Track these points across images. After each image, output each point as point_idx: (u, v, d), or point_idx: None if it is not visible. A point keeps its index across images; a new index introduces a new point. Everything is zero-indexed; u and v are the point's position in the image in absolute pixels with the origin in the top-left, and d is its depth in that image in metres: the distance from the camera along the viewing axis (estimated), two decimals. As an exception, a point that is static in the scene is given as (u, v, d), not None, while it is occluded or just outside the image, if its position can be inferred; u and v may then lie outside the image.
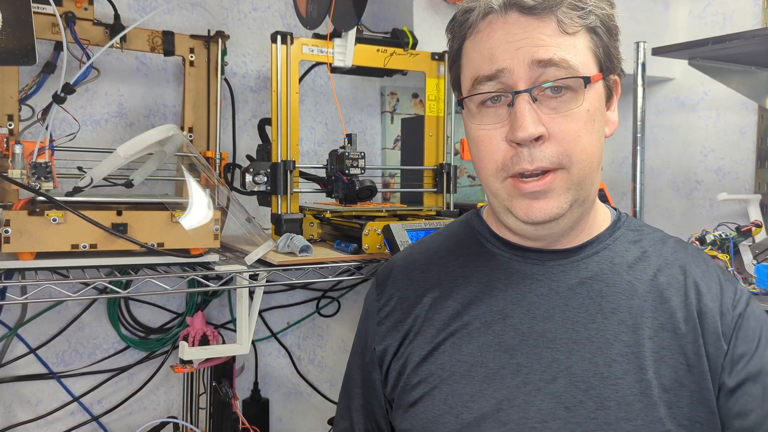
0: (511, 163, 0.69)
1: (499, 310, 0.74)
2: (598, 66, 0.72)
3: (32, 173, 1.04)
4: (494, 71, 0.69)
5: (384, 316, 0.82)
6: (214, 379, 1.40)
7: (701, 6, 1.82)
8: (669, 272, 0.75)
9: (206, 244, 1.13)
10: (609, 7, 0.72)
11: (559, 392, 0.68)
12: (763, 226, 1.33)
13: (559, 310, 0.73)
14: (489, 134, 0.71)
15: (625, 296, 0.72)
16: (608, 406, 0.67)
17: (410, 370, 0.76)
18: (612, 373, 0.68)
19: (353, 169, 1.28)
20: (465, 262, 0.81)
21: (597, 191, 0.77)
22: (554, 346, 0.71)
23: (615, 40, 0.74)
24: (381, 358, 0.81)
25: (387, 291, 0.84)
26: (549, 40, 0.68)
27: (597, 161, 0.73)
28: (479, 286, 0.77)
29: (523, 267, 0.76)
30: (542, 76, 0.68)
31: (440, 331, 0.76)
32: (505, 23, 0.69)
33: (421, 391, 0.74)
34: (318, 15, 1.31)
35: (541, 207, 0.70)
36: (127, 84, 1.54)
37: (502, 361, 0.71)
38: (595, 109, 0.71)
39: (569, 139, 0.69)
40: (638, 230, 0.81)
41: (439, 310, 0.77)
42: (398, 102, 1.88)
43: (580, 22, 0.69)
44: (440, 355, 0.75)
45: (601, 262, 0.75)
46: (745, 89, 1.50)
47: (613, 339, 0.70)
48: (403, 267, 0.86)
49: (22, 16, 1.01)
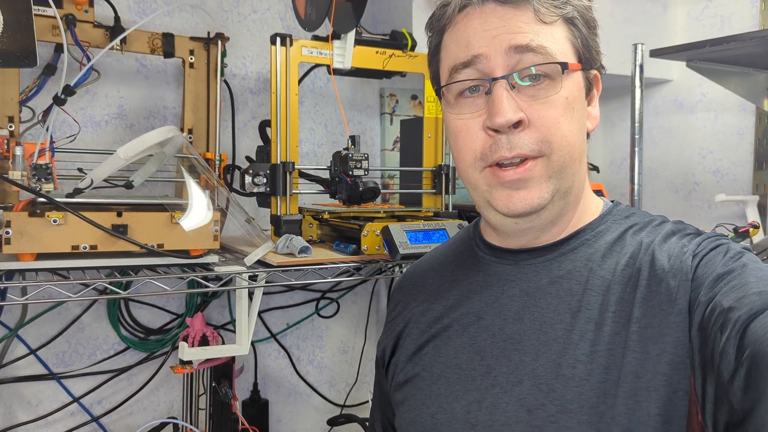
0: (489, 152, 0.68)
1: (474, 312, 0.74)
2: (577, 56, 0.70)
3: (33, 175, 1.04)
4: (470, 57, 0.68)
5: (389, 320, 0.87)
6: (214, 379, 1.40)
7: (699, 8, 1.83)
8: (642, 256, 0.68)
9: (206, 245, 1.13)
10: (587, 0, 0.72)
11: (524, 395, 0.66)
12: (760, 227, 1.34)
13: (528, 311, 0.70)
14: (467, 123, 0.70)
15: (595, 292, 0.68)
16: (570, 410, 0.63)
17: (399, 370, 0.79)
18: (575, 375, 0.64)
19: (357, 170, 1.29)
20: (455, 267, 0.82)
21: (581, 188, 0.74)
22: (521, 348, 0.69)
23: (593, 34, 0.72)
24: (382, 357, 0.85)
25: (397, 296, 0.89)
26: (526, 27, 0.67)
27: (578, 151, 0.70)
28: (461, 289, 0.78)
29: (499, 268, 0.75)
30: (520, 62, 0.67)
31: (423, 333, 0.78)
32: (482, 13, 0.69)
33: (405, 392, 0.77)
34: (317, 17, 1.32)
35: (521, 197, 0.68)
36: (128, 86, 1.54)
37: (474, 363, 0.71)
38: (575, 98, 0.69)
39: (548, 125, 0.67)
40: (627, 218, 0.75)
41: (426, 313, 0.79)
42: (397, 103, 1.89)
43: (557, 12, 0.68)
44: (423, 356, 0.76)
45: (576, 259, 0.71)
46: (743, 91, 1.51)
47: (578, 339, 0.66)
48: (411, 275, 0.89)
49: (22, 18, 1.01)
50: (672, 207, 1.89)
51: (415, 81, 1.74)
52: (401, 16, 1.59)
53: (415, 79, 1.53)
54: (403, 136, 1.71)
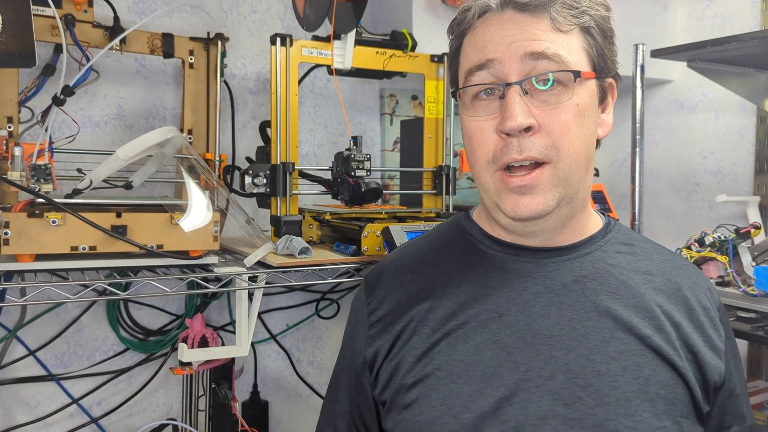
0: (500, 154, 0.71)
1: (494, 309, 0.75)
2: (591, 65, 0.73)
3: (32, 175, 1.04)
4: (484, 60, 0.71)
5: (375, 320, 0.81)
6: (214, 381, 1.40)
7: (700, 8, 1.82)
8: (662, 279, 0.78)
9: (205, 246, 1.13)
10: (604, 10, 0.74)
11: (558, 389, 0.69)
12: (762, 228, 1.33)
13: (555, 308, 0.74)
14: (480, 126, 0.73)
15: (619, 296, 0.74)
16: (607, 402, 0.68)
17: (405, 371, 0.76)
18: (610, 370, 0.70)
19: (359, 171, 1.29)
20: (457, 262, 0.81)
21: (588, 192, 0.78)
22: (551, 343, 0.71)
23: (610, 43, 0.75)
24: (372, 360, 0.80)
25: (377, 293, 0.83)
26: (542, 35, 0.70)
27: (585, 158, 0.73)
28: (474, 286, 0.77)
29: (517, 265, 0.77)
30: (534, 69, 0.70)
31: (435, 331, 0.76)
32: (500, 19, 0.72)
33: (417, 393, 0.74)
34: (315, 18, 1.32)
35: (527, 203, 0.71)
36: (127, 86, 1.54)
37: (500, 359, 0.72)
38: (586, 105, 0.72)
39: (558, 131, 0.70)
40: (628, 235, 0.84)
41: (434, 311, 0.77)
42: (397, 104, 1.89)
43: (573, 21, 0.71)
44: (436, 356, 0.74)
45: (595, 262, 0.77)
46: (744, 91, 1.51)
47: (609, 337, 0.72)
48: (393, 269, 0.85)
49: (21, 18, 1.01)
50: (673, 208, 1.89)
51: (415, 81, 1.73)
52: (401, 17, 1.59)
53: (416, 79, 1.53)
54: (403, 136, 1.71)
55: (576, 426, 0.68)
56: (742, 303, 1.20)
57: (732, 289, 1.23)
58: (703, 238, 1.29)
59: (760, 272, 1.17)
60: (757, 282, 1.17)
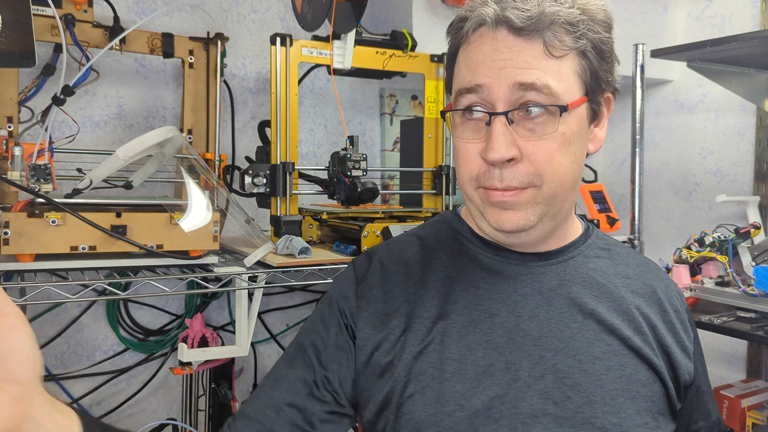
0: (483, 178, 0.72)
1: (485, 309, 0.76)
2: (584, 89, 0.72)
3: (31, 175, 1.04)
4: (473, 85, 0.71)
5: (366, 301, 0.79)
6: (214, 381, 1.40)
7: (700, 8, 1.82)
8: (638, 282, 0.82)
9: (205, 245, 1.13)
10: (604, 31, 0.72)
11: (548, 388, 0.71)
12: (761, 228, 1.33)
13: (543, 310, 0.76)
14: (467, 146, 0.73)
15: (602, 299, 0.77)
16: (594, 401, 0.71)
17: (400, 369, 0.74)
18: (595, 370, 0.73)
19: (355, 171, 1.28)
20: (447, 261, 0.81)
21: (572, 206, 0.80)
22: (540, 344, 0.73)
23: (607, 63, 0.74)
24: (363, 345, 0.77)
25: (368, 277, 0.81)
26: (534, 62, 0.69)
27: (570, 181, 0.73)
28: (463, 285, 0.78)
29: (506, 268, 0.78)
30: (522, 98, 0.69)
31: (428, 330, 0.76)
32: (494, 39, 0.70)
33: (411, 390, 0.74)
34: (313, 18, 1.32)
35: (509, 218, 0.72)
36: (127, 86, 1.54)
37: (492, 359, 0.73)
38: (572, 132, 0.71)
39: (541, 160, 0.70)
40: (605, 240, 0.86)
41: (427, 309, 0.77)
42: (397, 104, 1.89)
43: (570, 45, 0.69)
44: (430, 354, 0.75)
45: (578, 267, 0.80)
46: (744, 91, 1.51)
47: (594, 338, 0.75)
48: (384, 258, 0.83)
49: (21, 18, 1.01)
50: (672, 207, 1.89)
51: (415, 81, 1.73)
52: (401, 16, 1.59)
53: (416, 79, 1.53)
54: (403, 136, 1.71)
55: (565, 424, 0.70)
56: (742, 303, 1.21)
57: (732, 289, 1.23)
58: (702, 238, 1.29)
59: (760, 272, 1.17)
60: (756, 282, 1.17)
